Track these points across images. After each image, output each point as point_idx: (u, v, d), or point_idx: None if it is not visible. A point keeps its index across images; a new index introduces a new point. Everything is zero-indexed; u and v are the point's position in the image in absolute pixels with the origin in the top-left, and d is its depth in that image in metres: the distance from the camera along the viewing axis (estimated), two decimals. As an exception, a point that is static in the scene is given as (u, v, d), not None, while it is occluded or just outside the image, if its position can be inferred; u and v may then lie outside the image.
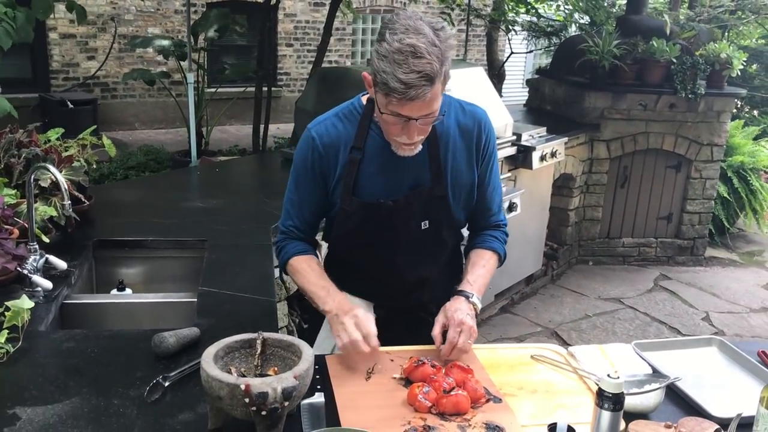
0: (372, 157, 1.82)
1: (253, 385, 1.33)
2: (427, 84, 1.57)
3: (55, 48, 8.13)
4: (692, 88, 5.39)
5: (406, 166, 1.81)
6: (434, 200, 1.84)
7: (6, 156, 2.48)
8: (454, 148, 1.84)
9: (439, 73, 1.58)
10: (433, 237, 1.89)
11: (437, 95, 1.62)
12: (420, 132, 1.69)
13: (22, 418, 1.50)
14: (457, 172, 1.85)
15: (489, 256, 1.95)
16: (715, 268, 6.03)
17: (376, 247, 1.89)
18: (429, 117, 1.66)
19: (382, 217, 1.83)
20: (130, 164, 6.35)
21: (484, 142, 1.88)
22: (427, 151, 1.81)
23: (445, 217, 1.88)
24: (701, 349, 1.95)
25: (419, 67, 1.55)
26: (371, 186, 1.83)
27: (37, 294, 2.06)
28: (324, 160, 1.83)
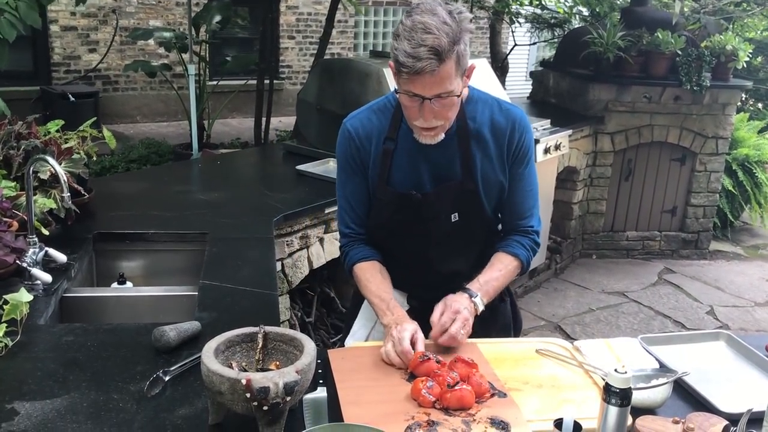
0: (404, 149, 1.84)
1: (254, 379, 1.31)
2: (434, 58, 1.57)
3: (57, 40, 8.10)
4: (697, 80, 5.35)
5: (437, 158, 1.83)
6: (464, 194, 1.85)
7: (5, 148, 2.46)
8: (485, 145, 1.84)
9: (449, 51, 1.59)
10: (464, 230, 1.89)
11: (449, 75, 1.62)
12: (436, 115, 1.69)
13: (20, 413, 1.48)
14: (487, 168, 1.85)
15: (509, 261, 1.92)
16: (720, 261, 6.00)
17: (408, 238, 1.91)
18: (443, 98, 1.65)
19: (413, 208, 1.85)
20: (131, 157, 6.33)
21: (516, 143, 1.86)
22: (457, 144, 1.82)
23: (475, 211, 1.88)
24: (708, 343, 1.93)
25: (427, 41, 1.57)
26: (403, 177, 1.85)
27: (36, 287, 2.05)
28: (362, 151, 1.87)
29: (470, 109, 1.85)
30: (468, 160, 1.82)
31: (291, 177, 3.52)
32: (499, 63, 7.22)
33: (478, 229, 1.93)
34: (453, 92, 1.66)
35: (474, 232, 1.92)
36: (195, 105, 5.51)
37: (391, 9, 10.63)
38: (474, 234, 1.92)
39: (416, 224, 1.88)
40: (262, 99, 6.12)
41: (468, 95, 1.85)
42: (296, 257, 3.13)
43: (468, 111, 1.84)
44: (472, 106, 1.85)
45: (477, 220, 1.90)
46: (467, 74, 1.72)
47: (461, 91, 1.70)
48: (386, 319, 1.80)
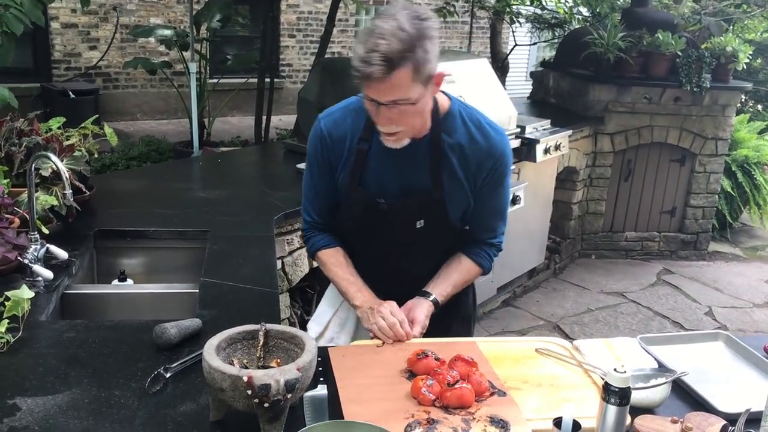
0: (377, 151, 1.83)
1: (255, 376, 1.31)
2: (383, 64, 1.55)
3: (57, 38, 8.10)
4: (697, 81, 5.36)
5: (408, 165, 1.83)
6: (432, 203, 1.86)
7: (7, 145, 2.46)
8: (457, 161, 1.83)
9: (401, 58, 1.55)
10: (428, 236, 1.91)
11: (403, 82, 1.59)
12: (393, 121, 1.68)
13: (22, 409, 1.48)
14: (455, 183, 1.85)
15: (470, 267, 1.98)
16: (719, 262, 6.01)
17: (372, 240, 1.95)
18: (399, 104, 1.63)
19: (379, 214, 1.87)
20: (131, 155, 6.33)
21: (491, 169, 1.86)
22: (429, 155, 1.82)
23: (440, 219, 1.90)
24: (707, 343, 1.94)
25: (379, 47, 1.55)
26: (374, 179, 1.85)
27: (37, 284, 2.05)
28: (332, 153, 1.88)
29: (448, 123, 1.83)
30: (438, 172, 1.83)
31: (291, 175, 3.53)
32: (500, 63, 7.22)
33: (442, 236, 1.95)
34: (409, 100, 1.62)
35: (438, 239, 1.94)
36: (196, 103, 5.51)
37: (392, 8, 10.62)
38: (438, 240, 1.95)
39: (380, 228, 1.91)
40: (262, 97, 6.12)
41: (449, 109, 1.84)
42: (296, 255, 3.13)
43: (444, 124, 1.82)
44: (451, 121, 1.83)
45: (442, 227, 1.91)
46: (436, 82, 1.69)
47: (423, 99, 1.67)
48: (358, 299, 1.86)
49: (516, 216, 4.48)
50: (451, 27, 11.04)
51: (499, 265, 4.55)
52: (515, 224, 4.63)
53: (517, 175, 4.52)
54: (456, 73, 4.01)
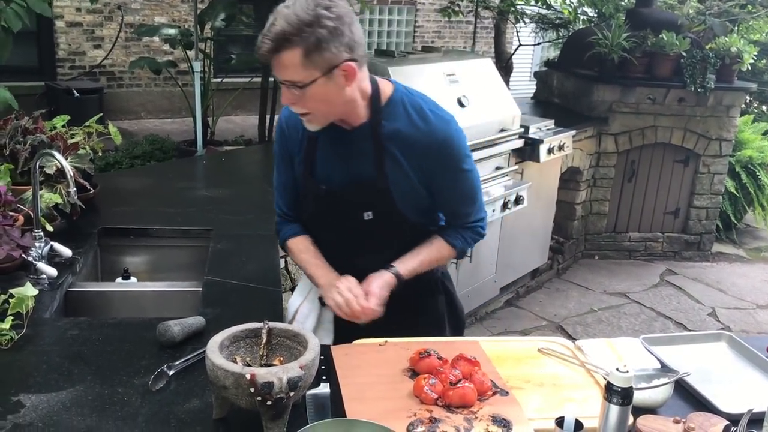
0: (326, 140, 1.87)
1: (258, 374, 1.31)
2: (269, 42, 1.63)
3: (62, 36, 8.12)
4: (702, 82, 5.35)
5: (353, 154, 1.85)
6: (377, 193, 1.85)
7: (11, 143, 2.47)
8: (397, 150, 1.82)
9: (288, 41, 1.61)
10: (378, 229, 1.90)
11: (292, 64, 1.64)
12: (289, 100, 1.72)
13: (26, 405, 1.49)
14: (398, 172, 1.84)
15: (441, 245, 1.95)
16: (722, 263, 6.00)
17: (326, 231, 1.98)
18: (297, 86, 1.67)
19: (326, 202, 1.90)
20: (135, 153, 6.34)
21: (437, 155, 1.82)
22: (371, 144, 1.82)
23: (389, 211, 1.87)
24: (710, 344, 1.94)
25: (272, 28, 1.63)
26: (324, 169, 1.89)
27: (41, 281, 2.06)
28: (288, 141, 1.93)
29: (388, 110, 1.82)
30: (381, 160, 1.82)
31: (295, 174, 3.52)
32: (504, 63, 7.22)
33: (393, 229, 1.91)
34: (300, 82, 1.66)
35: (389, 231, 1.91)
36: (199, 102, 5.52)
37: (396, 8, 10.63)
38: (389, 233, 1.92)
39: (331, 219, 1.94)
40: (266, 96, 6.13)
41: (390, 96, 1.83)
42: (299, 254, 3.13)
43: (385, 112, 1.82)
44: (393, 108, 1.82)
45: (392, 219, 1.89)
46: (345, 74, 1.68)
47: (322, 87, 1.67)
48: (322, 279, 1.90)
49: (519, 216, 4.48)
50: (455, 27, 11.05)
51: (502, 265, 4.60)
52: (518, 224, 4.64)
53: (520, 174, 4.52)
54: (459, 72, 4.01)
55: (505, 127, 4.20)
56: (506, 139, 4.23)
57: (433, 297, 2.09)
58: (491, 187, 4.13)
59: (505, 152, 4.28)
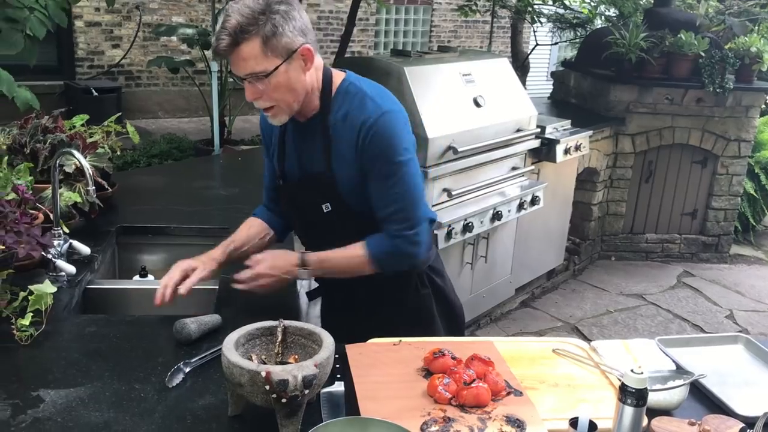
0: (289, 135, 1.92)
1: (273, 372, 1.33)
2: (226, 37, 1.65)
3: (81, 36, 8.20)
4: (720, 82, 5.30)
5: (305, 147, 1.89)
6: (325, 185, 1.87)
7: (32, 141, 2.50)
8: (338, 138, 1.83)
9: (244, 32, 1.64)
10: (338, 220, 1.91)
11: (252, 55, 1.66)
12: (255, 94, 1.73)
13: (45, 400, 1.51)
14: (341, 162, 1.83)
15: (358, 253, 1.86)
16: (740, 265, 5.95)
17: (295, 222, 2.06)
18: (259, 78, 1.69)
19: (286, 195, 1.99)
20: (153, 152, 6.39)
21: (362, 144, 1.77)
22: (320, 134, 1.84)
23: (341, 204, 1.88)
24: (727, 346, 1.93)
25: (225, 24, 1.65)
26: (286, 163, 1.95)
27: (60, 278, 2.08)
28: (266, 137, 2.01)
29: (337, 100, 1.83)
30: (327, 151, 1.84)
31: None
32: (520, 63, 7.21)
33: (347, 221, 1.89)
34: (264, 71, 1.68)
35: (343, 224, 1.90)
36: (217, 101, 5.56)
37: (413, 7, 10.63)
38: (344, 226, 1.90)
39: (296, 211, 2.00)
40: (282, 96, 6.15)
41: (339, 86, 1.83)
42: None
43: (334, 102, 1.83)
44: (339, 98, 1.82)
45: (346, 212, 1.89)
46: (303, 57, 1.71)
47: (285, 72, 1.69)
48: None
49: (535, 216, 4.47)
50: (471, 26, 11.03)
51: (517, 265, 4.59)
52: (534, 225, 4.63)
53: (536, 175, 4.51)
54: (476, 72, 4.00)
55: (522, 127, 4.20)
56: (522, 139, 4.22)
57: (416, 291, 2.04)
58: (507, 187, 4.12)
59: (521, 152, 4.27)
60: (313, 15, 9.78)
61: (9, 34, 2.77)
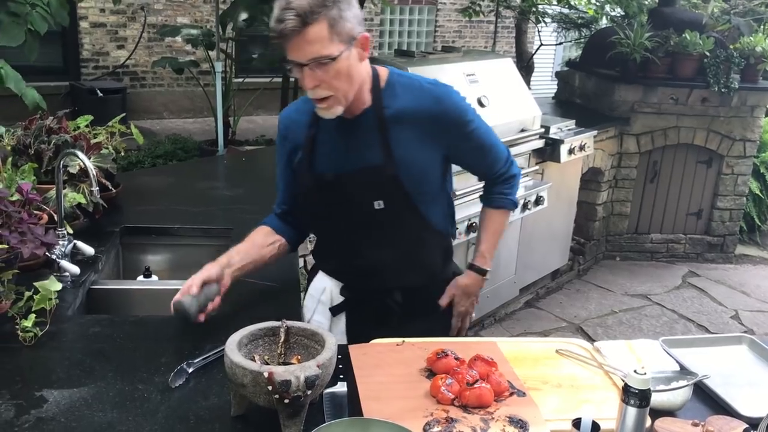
0: (326, 133, 1.86)
1: (276, 372, 1.33)
2: (295, 18, 1.58)
3: (86, 37, 8.22)
4: (725, 82, 5.29)
5: (357, 142, 1.83)
6: (386, 180, 1.82)
7: (36, 142, 2.51)
8: (410, 129, 1.82)
9: (314, 12, 1.58)
10: (389, 219, 1.87)
11: (320, 38, 1.61)
12: (320, 84, 1.67)
13: (48, 400, 1.52)
14: (413, 153, 1.82)
15: (498, 216, 2.09)
16: (746, 265, 5.93)
17: (333, 224, 1.94)
18: (322, 63, 1.64)
19: (333, 192, 1.87)
20: (157, 153, 6.41)
21: (448, 119, 1.85)
22: (376, 128, 1.81)
23: (399, 199, 1.85)
24: (731, 347, 1.92)
25: (291, 4, 1.59)
26: (325, 162, 1.87)
27: (65, 279, 2.09)
28: (287, 140, 1.95)
29: (388, 93, 1.82)
30: (387, 144, 1.81)
31: (315, 174, 3.54)
32: (525, 63, 7.20)
33: (405, 219, 1.89)
34: (329, 56, 1.63)
35: (400, 222, 1.88)
36: (221, 102, 5.56)
37: (417, 8, 10.62)
38: (401, 224, 1.89)
39: (339, 209, 1.89)
40: (287, 96, 6.16)
41: (387, 79, 1.84)
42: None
43: (386, 96, 1.82)
44: (391, 90, 1.83)
45: (402, 209, 1.87)
46: (362, 45, 1.71)
47: (347, 59, 1.67)
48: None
49: (540, 216, 4.46)
50: (476, 27, 11.01)
51: (522, 265, 4.58)
52: (539, 225, 4.62)
53: (541, 175, 4.50)
54: (479, 72, 4.00)
55: (526, 128, 4.19)
56: (527, 139, 4.21)
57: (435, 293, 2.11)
58: (511, 187, 4.11)
59: (525, 152, 4.27)
60: (317, 15, 9.77)
61: (10, 28, 2.78)
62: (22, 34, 2.83)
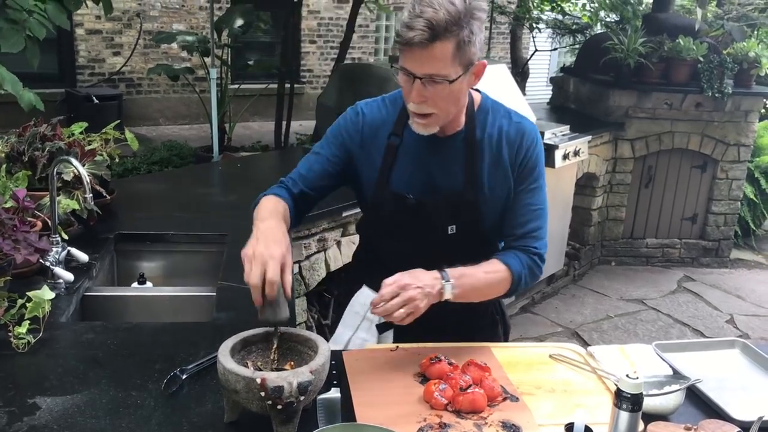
0: (409, 147, 1.77)
1: (269, 378, 1.33)
2: (426, 30, 1.51)
3: (82, 44, 8.23)
4: (719, 87, 5.32)
5: (441, 163, 1.77)
6: (464, 205, 1.77)
7: (30, 149, 2.51)
8: (493, 155, 1.77)
9: (446, 29, 1.52)
10: (460, 245, 1.79)
11: (444, 56, 1.54)
12: (426, 100, 1.61)
13: (41, 408, 1.51)
14: (494, 180, 1.78)
15: (499, 268, 1.75)
16: (741, 270, 5.95)
17: (401, 244, 1.83)
18: (435, 81, 1.58)
19: (408, 213, 1.78)
20: (153, 159, 6.40)
21: (524, 155, 1.77)
22: (463, 151, 1.77)
23: (473, 225, 1.79)
24: (723, 351, 1.92)
25: (425, 14, 1.51)
26: (404, 177, 1.78)
27: (59, 286, 2.08)
28: (362, 136, 1.80)
29: (482, 117, 1.79)
30: (472, 169, 1.76)
31: (310, 180, 3.54)
32: (520, 68, 7.22)
33: (475, 246, 1.81)
34: (447, 77, 1.57)
35: (471, 248, 1.79)
36: (216, 108, 5.57)
37: (412, 14, 10.63)
38: (471, 250, 1.77)
39: (410, 231, 1.80)
40: (282, 103, 6.17)
41: (481, 103, 1.81)
42: (314, 260, 3.15)
43: (479, 119, 1.79)
44: (484, 115, 1.80)
45: (475, 235, 1.81)
46: (476, 72, 1.65)
47: (461, 83, 1.62)
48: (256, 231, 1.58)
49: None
50: (471, 32, 11.02)
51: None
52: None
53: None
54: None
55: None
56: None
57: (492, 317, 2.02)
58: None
59: (520, 158, 4.27)
60: (312, 22, 9.82)
61: (10, 34, 2.78)
62: (22, 41, 2.83)
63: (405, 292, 1.57)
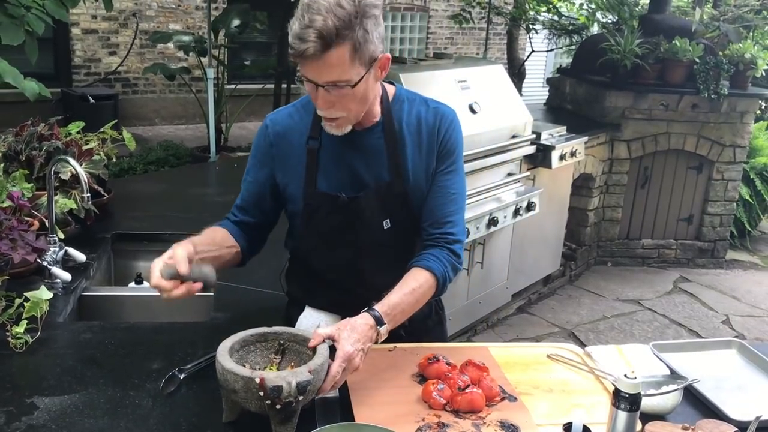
0: (329, 149, 1.73)
1: (267, 378, 1.33)
2: (318, 41, 1.45)
3: (78, 43, 8.21)
4: (715, 88, 5.33)
5: (364, 158, 1.74)
6: (394, 197, 1.74)
7: (27, 149, 2.51)
8: (413, 143, 1.75)
9: (338, 35, 1.46)
10: (397, 239, 1.77)
11: (341, 62, 1.49)
12: (333, 105, 1.58)
13: (39, 407, 1.51)
14: (419, 168, 1.76)
15: (424, 280, 1.69)
16: (736, 270, 5.96)
17: (338, 248, 1.79)
18: (339, 87, 1.53)
19: (342, 213, 1.74)
20: (149, 159, 6.40)
21: (442, 138, 1.75)
22: (384, 144, 1.74)
23: (407, 217, 1.76)
24: (720, 351, 1.93)
25: (314, 23, 1.45)
26: (330, 179, 1.74)
27: (56, 285, 2.08)
28: (274, 149, 1.77)
29: (397, 108, 1.77)
30: (396, 160, 1.73)
31: (307, 180, 3.54)
32: (516, 69, 7.23)
33: (411, 237, 1.80)
34: (349, 81, 1.52)
35: (407, 241, 1.79)
36: (213, 108, 5.56)
37: (409, 15, 10.66)
38: (408, 243, 1.79)
39: (346, 232, 1.76)
40: (279, 103, 6.17)
41: (396, 94, 1.78)
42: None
43: (395, 110, 1.76)
44: (399, 105, 1.77)
45: (410, 227, 1.78)
46: (381, 66, 1.60)
47: (365, 82, 1.57)
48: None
49: (531, 222, 4.48)
50: (468, 33, 11.06)
51: (514, 271, 4.60)
52: (530, 230, 4.63)
53: (532, 181, 4.52)
54: (471, 79, 4.02)
55: (517, 134, 4.21)
56: (518, 145, 4.23)
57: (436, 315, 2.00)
58: (503, 193, 4.13)
59: (516, 158, 4.28)
60: (309, 22, 9.79)
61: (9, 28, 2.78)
62: (22, 34, 2.82)
63: (351, 364, 1.49)
